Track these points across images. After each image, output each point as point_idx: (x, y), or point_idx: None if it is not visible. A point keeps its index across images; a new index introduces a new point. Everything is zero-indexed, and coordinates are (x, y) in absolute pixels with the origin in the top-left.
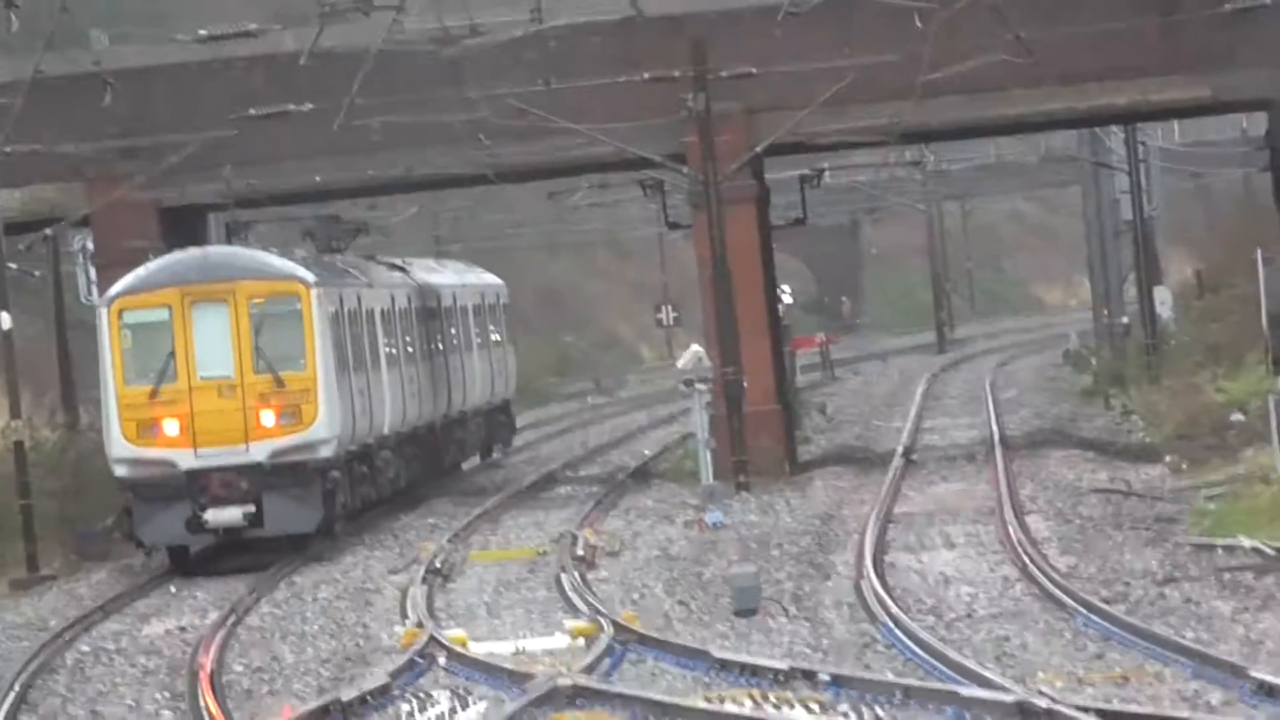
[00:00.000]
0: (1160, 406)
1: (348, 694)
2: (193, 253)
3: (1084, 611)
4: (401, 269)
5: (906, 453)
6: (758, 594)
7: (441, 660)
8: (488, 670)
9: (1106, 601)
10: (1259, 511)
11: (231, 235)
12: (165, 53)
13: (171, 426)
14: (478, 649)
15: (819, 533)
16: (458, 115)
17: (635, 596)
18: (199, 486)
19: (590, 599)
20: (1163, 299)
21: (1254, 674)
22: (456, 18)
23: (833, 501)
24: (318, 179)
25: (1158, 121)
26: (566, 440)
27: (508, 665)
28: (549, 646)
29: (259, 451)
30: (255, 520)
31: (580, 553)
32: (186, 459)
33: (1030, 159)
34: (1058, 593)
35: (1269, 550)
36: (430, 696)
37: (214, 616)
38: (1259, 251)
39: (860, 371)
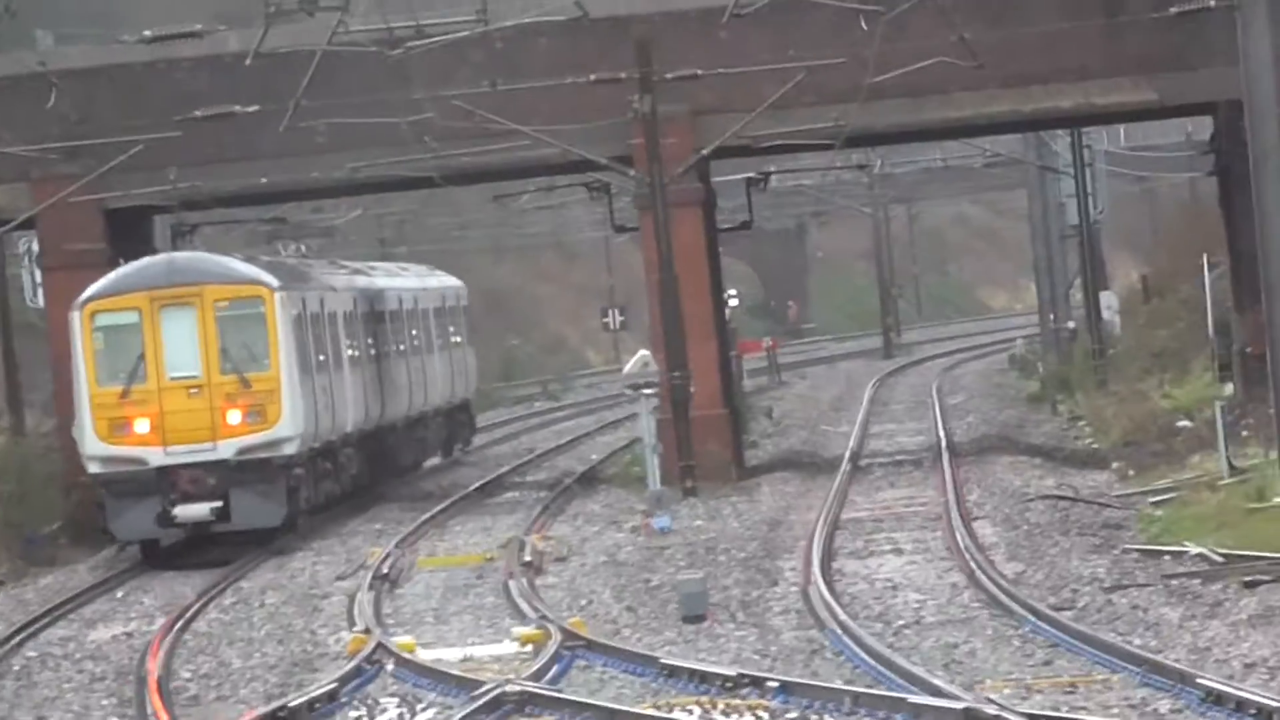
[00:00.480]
0: (1107, 412)
1: (295, 700)
2: (161, 258)
3: (1032, 618)
4: (364, 273)
5: (854, 458)
6: (705, 600)
7: (389, 666)
8: (435, 677)
9: (1054, 608)
10: (1206, 518)
11: (176, 237)
12: (110, 53)
13: (142, 425)
14: (425, 655)
15: (766, 538)
16: (403, 117)
17: (583, 602)
18: (169, 483)
19: (538, 605)
20: (1109, 304)
21: (1202, 681)
22: (402, 19)
23: (780, 507)
24: (263, 180)
25: (1103, 125)
26: (514, 445)
27: (455, 672)
28: (497, 653)
29: (226, 449)
30: (222, 515)
31: (528, 558)
32: (156, 456)
33: (976, 162)
34: (1005, 599)
35: (1216, 557)
36: (378, 703)
37: (161, 621)
38: (1204, 257)
39: (807, 376)
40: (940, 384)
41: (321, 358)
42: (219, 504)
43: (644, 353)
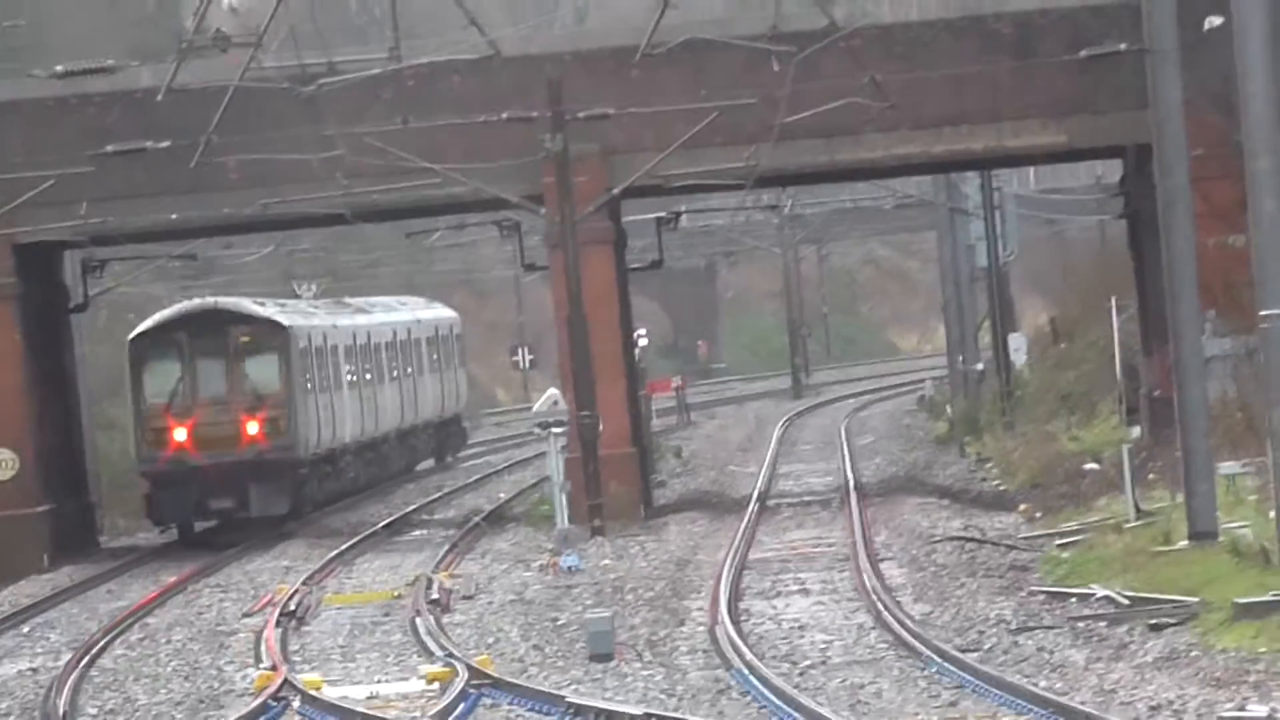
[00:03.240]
0: (1014, 454)
1: None
2: (197, 303)
3: (938, 659)
4: (365, 311)
5: (762, 498)
6: (612, 639)
7: (295, 704)
8: (342, 714)
9: (960, 649)
10: (1112, 560)
11: (86, 273)
12: (21, 88)
13: (181, 433)
14: (332, 693)
15: (674, 578)
16: (315, 154)
17: (490, 640)
18: (201, 479)
19: (445, 643)
20: (1017, 346)
21: None
22: (315, 56)
23: (688, 546)
24: (174, 217)
25: (1013, 167)
26: (422, 484)
27: (362, 709)
28: (403, 690)
29: (246, 453)
30: (242, 505)
31: (435, 596)
32: (191, 459)
33: (886, 203)
34: (912, 640)
35: (1122, 599)
36: None
37: (67, 658)
38: (1113, 299)
39: (716, 415)
40: (849, 424)
41: (323, 382)
42: (240, 496)
43: (553, 391)
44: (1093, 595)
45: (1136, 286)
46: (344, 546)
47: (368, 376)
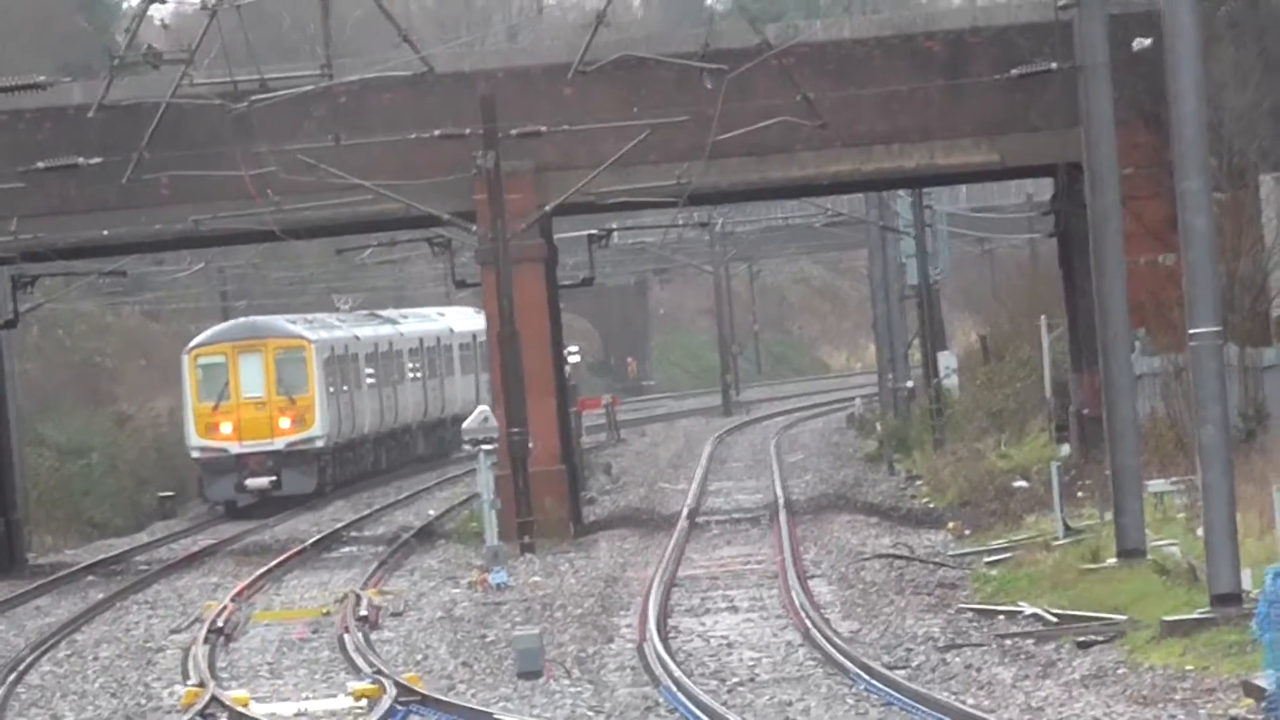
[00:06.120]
0: (944, 472)
1: None
2: (241, 321)
3: (866, 677)
4: (393, 322)
5: (691, 515)
6: (541, 656)
7: None
8: None
9: (888, 667)
10: (1040, 578)
11: (16, 289)
12: None
13: (226, 427)
14: (260, 710)
15: (603, 595)
16: (246, 170)
17: (419, 658)
18: (242, 464)
19: (373, 660)
20: (947, 364)
21: None
22: (246, 73)
23: (617, 563)
24: (105, 233)
25: (945, 185)
26: (352, 500)
27: None
28: (331, 708)
29: (279, 443)
30: (276, 486)
31: (364, 613)
32: (235, 447)
33: (817, 221)
34: (840, 658)
35: (1050, 617)
36: None
37: None
38: (1043, 318)
39: (646, 433)
40: (779, 442)
41: (345, 384)
42: (274, 478)
43: (483, 408)
44: (1021, 613)
45: (1067, 305)
46: (273, 563)
47: (391, 378)
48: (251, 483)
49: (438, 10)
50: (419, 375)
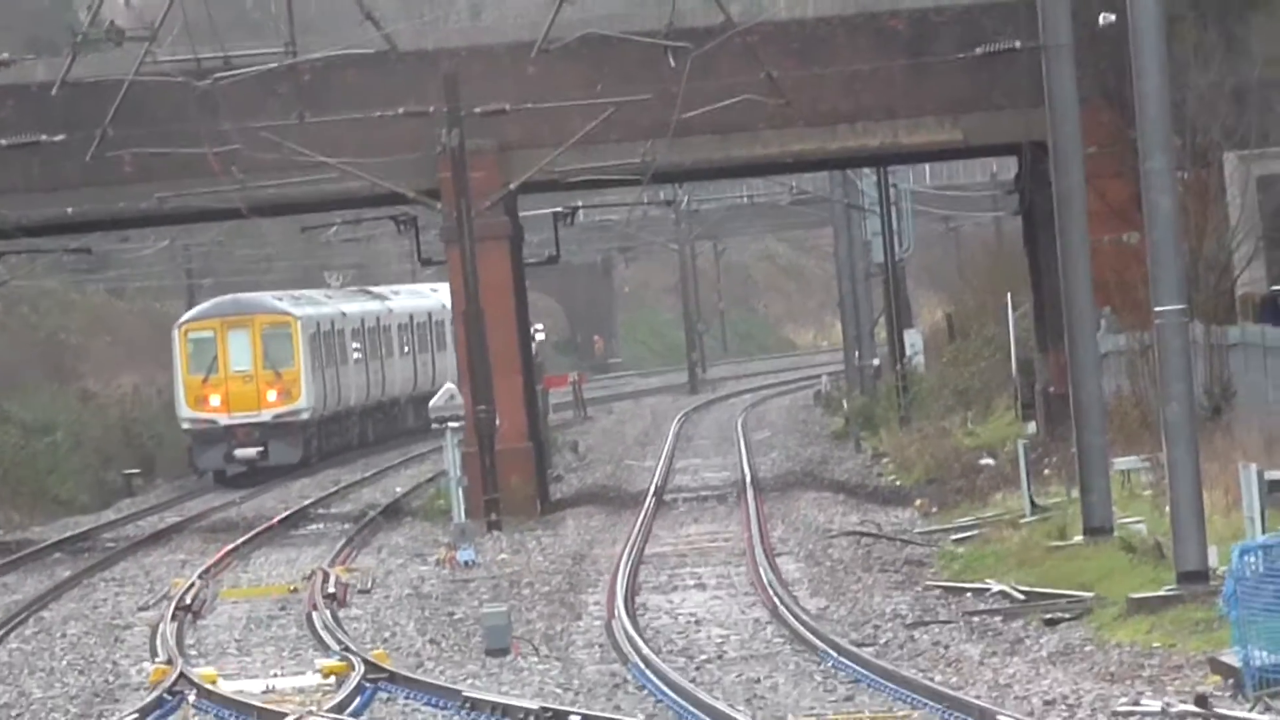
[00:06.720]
0: (910, 450)
1: None
2: (228, 298)
3: (834, 654)
4: (382, 297)
5: (658, 493)
6: (509, 633)
7: (191, 698)
8: (237, 708)
9: (856, 644)
10: (1007, 555)
11: None
12: None
13: (215, 399)
14: (227, 687)
15: (570, 572)
16: (211, 148)
17: (386, 635)
18: (231, 435)
19: (341, 637)
20: (913, 342)
21: (1002, 717)
22: (210, 50)
23: (584, 541)
24: (69, 210)
25: (910, 164)
26: (319, 479)
27: (257, 703)
28: (299, 684)
29: (266, 415)
30: (263, 456)
31: (332, 590)
32: (224, 419)
33: (783, 199)
34: (808, 635)
35: (1017, 594)
36: None
37: None
38: (1009, 296)
39: (613, 410)
40: (745, 420)
41: (330, 358)
42: (261, 449)
43: (450, 386)
44: (988, 590)
45: (1032, 283)
46: (240, 541)
47: (379, 352)
48: (240, 453)
49: None
50: (409, 350)
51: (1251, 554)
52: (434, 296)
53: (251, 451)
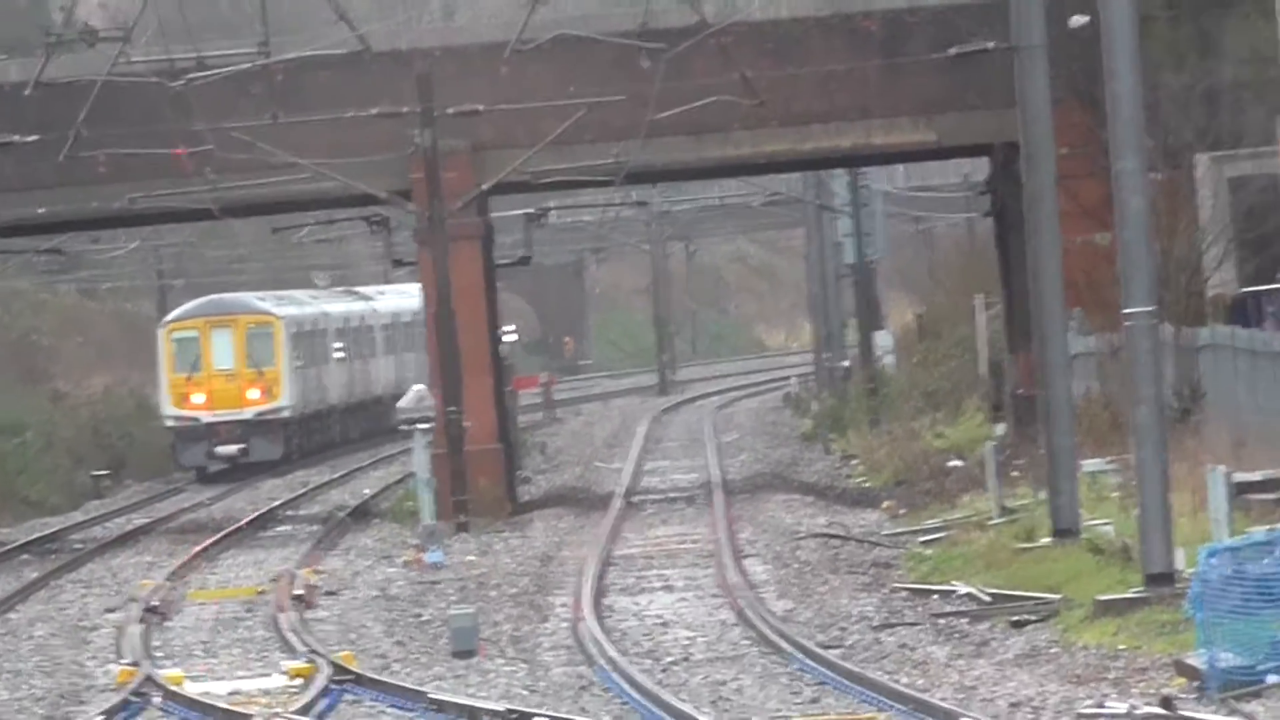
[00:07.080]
0: (879, 451)
1: None
2: (212, 298)
3: (800, 656)
4: (367, 299)
5: (627, 495)
6: (476, 635)
7: (157, 699)
8: (203, 710)
9: (823, 646)
10: (975, 557)
11: None
12: None
13: (198, 397)
14: (194, 688)
15: (538, 574)
16: (184, 149)
17: (353, 637)
18: (213, 432)
19: (308, 639)
20: (883, 343)
21: (965, 719)
22: (183, 50)
23: (552, 543)
24: (41, 210)
25: (882, 165)
26: (289, 480)
27: (224, 705)
28: (266, 686)
29: (248, 413)
30: (245, 453)
31: (299, 592)
32: (206, 416)
33: (755, 200)
34: (775, 637)
35: (984, 596)
36: None
37: None
38: (979, 298)
39: (582, 412)
40: (715, 421)
41: (311, 357)
42: (243, 446)
43: (419, 387)
44: (955, 592)
45: (1002, 284)
46: (208, 542)
47: (361, 352)
48: (221, 450)
49: None
50: (392, 349)
51: (1218, 556)
52: (419, 297)
53: (233, 448)
